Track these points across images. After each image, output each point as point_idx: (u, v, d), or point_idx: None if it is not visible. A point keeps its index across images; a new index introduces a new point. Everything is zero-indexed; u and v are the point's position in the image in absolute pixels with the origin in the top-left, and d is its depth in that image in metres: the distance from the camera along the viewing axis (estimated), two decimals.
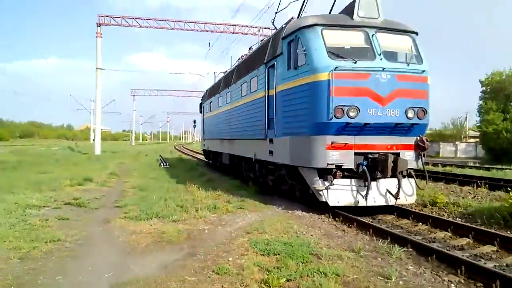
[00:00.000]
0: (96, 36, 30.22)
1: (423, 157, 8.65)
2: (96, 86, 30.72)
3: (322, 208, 8.78)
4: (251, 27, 31.98)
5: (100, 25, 30.24)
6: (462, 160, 33.81)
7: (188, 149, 53.17)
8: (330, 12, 9.89)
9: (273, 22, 12.09)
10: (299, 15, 9.84)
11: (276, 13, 11.85)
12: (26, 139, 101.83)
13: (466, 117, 59.52)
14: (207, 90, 22.55)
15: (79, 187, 12.96)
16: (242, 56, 15.69)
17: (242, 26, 33.25)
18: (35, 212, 8.19)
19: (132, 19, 31.32)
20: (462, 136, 57.42)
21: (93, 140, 75.35)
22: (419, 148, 8.59)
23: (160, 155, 33.89)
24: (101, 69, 30.49)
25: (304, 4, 9.74)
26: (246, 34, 32.36)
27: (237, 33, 33.00)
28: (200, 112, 23.92)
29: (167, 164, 22.60)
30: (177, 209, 8.89)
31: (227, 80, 16.15)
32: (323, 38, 8.29)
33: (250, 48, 15.09)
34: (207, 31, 32.65)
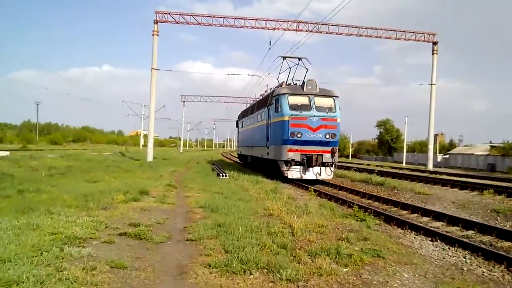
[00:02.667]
0: (153, 34, 28.24)
1: (335, 157, 17.48)
2: (151, 87, 28.66)
3: (286, 180, 18.02)
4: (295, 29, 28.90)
5: (157, 22, 28.28)
6: None
7: (235, 157, 50.78)
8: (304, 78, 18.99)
9: (278, 78, 22.30)
10: (286, 80, 20.95)
11: (278, 76, 22.37)
12: (79, 143, 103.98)
13: None
14: (240, 113, 34.66)
15: (135, 203, 10.34)
16: (257, 98, 28.54)
17: (301, 22, 30.34)
18: (77, 252, 5.44)
19: (190, 15, 29.20)
20: None
21: (143, 145, 75.69)
22: (332, 153, 17.28)
23: (213, 163, 31.59)
24: (156, 69, 28.45)
25: (288, 77, 21.16)
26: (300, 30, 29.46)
27: (300, 30, 30.07)
28: (236, 127, 36.61)
29: (226, 174, 19.92)
30: (280, 253, 5.90)
31: (251, 109, 26.79)
32: (288, 100, 17.38)
33: (261, 95, 26.47)
34: (268, 28, 29.93)
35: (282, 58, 21.10)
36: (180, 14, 29.27)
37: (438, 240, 7.68)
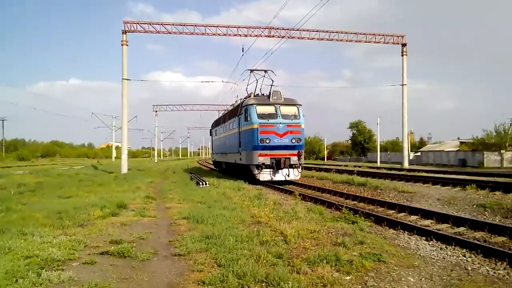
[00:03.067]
0: (122, 44, 27.50)
1: (301, 159, 19.11)
2: (123, 97, 27.80)
3: (258, 182, 19.24)
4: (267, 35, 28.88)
5: (126, 32, 27.57)
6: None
7: (211, 164, 50.16)
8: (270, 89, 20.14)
9: (246, 89, 23.33)
10: (254, 91, 22.17)
11: (246, 87, 23.39)
12: (48, 158, 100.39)
13: (511, 123, 55.19)
14: (213, 122, 36.33)
15: (114, 218, 9.77)
16: (228, 107, 31.24)
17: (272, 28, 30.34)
18: (56, 277, 4.93)
19: (159, 24, 28.62)
20: (507, 144, 52.54)
21: (116, 157, 73.75)
22: (298, 155, 18.86)
23: (191, 172, 30.97)
24: (127, 79, 27.67)
25: (256, 88, 22.49)
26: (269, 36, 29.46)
27: (272, 36, 30.03)
28: (210, 135, 38.38)
29: (206, 182, 19.40)
30: (277, 263, 5.57)
31: (224, 119, 28.34)
32: (256, 109, 18.93)
33: (232, 105, 28.19)
34: (240, 35, 29.72)
35: (250, 71, 22.63)
36: (150, 23, 28.70)
37: (434, 239, 7.53)
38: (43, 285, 4.67)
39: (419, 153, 65.08)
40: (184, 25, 29.35)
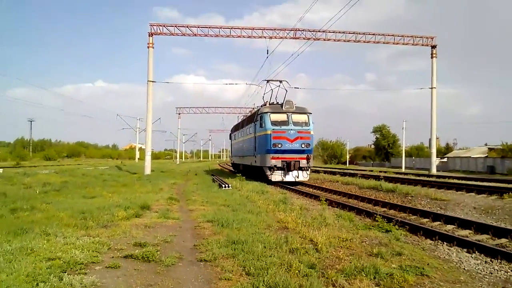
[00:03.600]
0: (148, 47, 27.64)
1: (310, 162, 20.98)
2: (148, 99, 27.95)
3: (270, 182, 21.01)
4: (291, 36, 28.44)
5: (152, 34, 27.70)
6: None
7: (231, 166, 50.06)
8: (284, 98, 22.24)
9: (263, 98, 26.23)
10: (270, 99, 24.41)
11: (263, 96, 26.51)
12: (73, 158, 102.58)
13: None
14: (233, 127, 39.07)
15: (137, 220, 9.60)
16: (246, 113, 34.24)
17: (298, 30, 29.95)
18: (78, 281, 4.69)
19: (185, 27, 28.65)
20: None
21: (139, 159, 74.60)
22: (307, 159, 20.60)
23: (213, 174, 30.82)
24: (152, 81, 27.77)
25: (271, 96, 24.53)
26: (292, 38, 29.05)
27: (297, 38, 29.64)
28: (230, 139, 41.28)
29: (229, 185, 19.13)
30: (310, 274, 5.19)
31: (242, 125, 30.46)
32: (270, 117, 20.70)
33: (250, 111, 32.86)
34: (265, 37, 29.45)
35: (266, 81, 25.30)
36: (175, 26, 28.77)
37: (476, 252, 7.00)
38: None
39: (445, 159, 63.26)
40: (209, 27, 29.31)
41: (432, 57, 32.30)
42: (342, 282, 4.93)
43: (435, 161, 33.35)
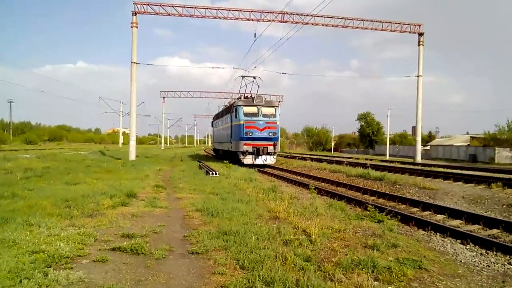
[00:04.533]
0: (132, 26, 26.84)
1: (276, 148, 24.82)
2: (131, 82, 27.23)
3: (243, 165, 23.53)
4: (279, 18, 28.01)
5: (136, 13, 26.92)
6: None
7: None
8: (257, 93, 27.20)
9: (239, 91, 30.44)
10: (244, 93, 28.24)
11: (239, 89, 30.47)
12: (55, 142, 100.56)
13: None
14: (214, 116, 42.55)
15: (124, 208, 9.31)
16: (225, 104, 36.44)
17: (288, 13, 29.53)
18: (64, 277, 4.44)
19: (170, 6, 27.92)
20: None
21: (122, 143, 73.47)
22: (274, 145, 24.30)
23: (199, 160, 30.50)
24: (136, 63, 27.07)
25: (246, 90, 28.53)
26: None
27: (285, 21, 29.22)
28: (211, 127, 45.22)
29: (216, 172, 18.88)
30: (306, 267, 5.04)
31: (221, 114, 33.52)
32: (243, 109, 24.29)
33: (229, 103, 33.16)
34: (252, 19, 28.96)
35: (242, 77, 28.93)
36: (160, 5, 28.01)
37: (471, 243, 6.97)
38: (50, 286, 4.18)
39: (428, 147, 64.09)
40: (195, 7, 28.64)
41: (419, 45, 32.33)
42: (340, 276, 4.79)
43: (420, 149, 33.67)
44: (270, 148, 24.22)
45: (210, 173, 18.77)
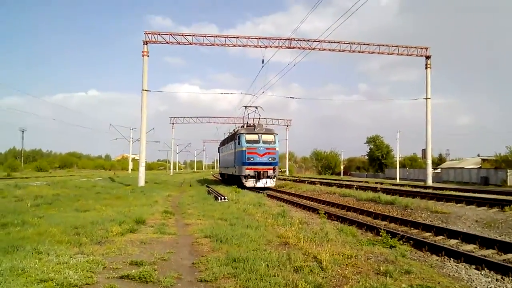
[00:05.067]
0: (143, 55, 27.45)
1: (276, 172, 27.13)
2: (142, 108, 27.66)
3: (245, 188, 25.76)
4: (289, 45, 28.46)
5: (147, 43, 27.57)
6: None
7: None
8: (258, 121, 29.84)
9: (243, 120, 36.62)
10: (247, 122, 31.74)
11: (243, 119, 37.08)
12: (65, 169, 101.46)
13: None
14: (220, 142, 45.80)
15: (132, 235, 9.28)
16: (230, 132, 37.59)
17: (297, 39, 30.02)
18: None
19: (180, 35, 28.56)
20: None
21: (132, 169, 73.87)
22: (274, 169, 26.57)
23: (208, 186, 30.46)
24: (147, 90, 27.53)
25: (248, 120, 31.77)
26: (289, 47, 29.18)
27: (293, 47, 29.68)
28: (218, 152, 48.44)
29: (225, 198, 18.81)
30: None
31: (227, 141, 36.36)
32: (245, 137, 26.62)
33: (233, 130, 34.86)
34: (260, 46, 29.47)
35: (244, 107, 32.58)
36: (171, 34, 28.71)
37: (486, 269, 6.79)
38: None
39: (439, 170, 63.43)
40: (204, 36, 29.27)
41: (426, 68, 32.48)
42: None
43: (431, 172, 33.29)
44: (270, 172, 26.41)
45: (219, 198, 18.70)
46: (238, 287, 5.38)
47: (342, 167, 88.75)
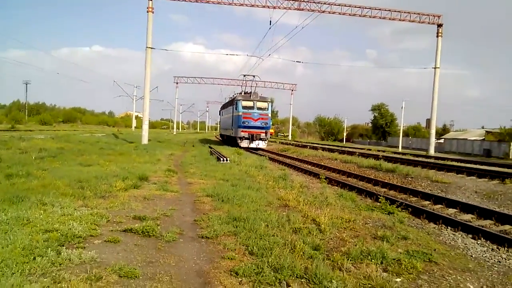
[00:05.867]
0: (148, 11, 26.77)
1: (268, 135, 31.24)
2: (146, 66, 27.29)
3: (241, 147, 28.37)
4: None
5: None
6: None
7: None
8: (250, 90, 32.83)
9: (241, 87, 37.00)
10: (245, 89, 34.59)
11: (241, 86, 38.53)
12: (69, 124, 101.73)
13: None
14: (221, 106, 50.47)
15: (136, 191, 9.41)
16: (230, 97, 39.24)
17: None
18: (77, 256, 4.52)
19: None
20: None
21: (135, 127, 74.07)
22: (265, 133, 30.33)
23: (210, 146, 30.62)
24: (151, 48, 27.08)
25: (246, 87, 34.89)
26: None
27: (302, 9, 28.86)
28: (219, 115, 53.05)
29: (227, 159, 18.94)
30: (314, 256, 5.07)
31: (227, 105, 39.41)
32: (242, 103, 29.82)
33: (233, 95, 37.24)
34: (268, 7, 28.67)
35: (243, 75, 36.44)
36: None
37: (482, 238, 6.90)
38: (63, 265, 4.26)
39: (441, 140, 63.30)
40: None
41: (437, 36, 31.66)
42: (349, 266, 4.80)
43: (433, 141, 33.23)
44: (262, 135, 29.98)
45: (221, 159, 18.83)
46: (238, 245, 5.50)
47: (345, 134, 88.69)
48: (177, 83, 70.43)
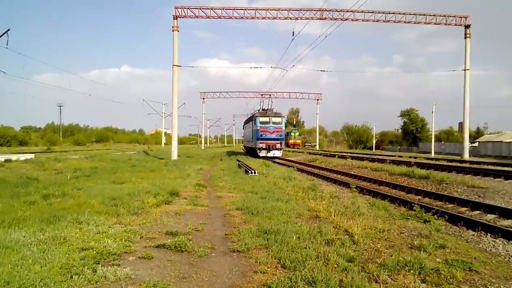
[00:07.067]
0: (173, 30, 27.49)
1: (282, 145, 35.92)
2: (173, 84, 27.93)
3: (259, 157, 33.26)
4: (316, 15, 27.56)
5: (177, 17, 27.51)
6: None
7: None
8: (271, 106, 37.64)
9: (260, 104, 41.37)
10: (262, 106, 39.76)
11: (260, 103, 43.10)
12: (102, 143, 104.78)
13: None
14: (244, 121, 53.44)
15: (167, 207, 9.56)
16: (252, 112, 48.00)
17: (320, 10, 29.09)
18: (112, 274, 4.61)
19: (209, 9, 28.32)
20: None
21: (165, 144, 75.40)
22: (280, 143, 35.09)
23: (238, 160, 30.77)
24: (178, 66, 27.68)
25: (263, 104, 40.18)
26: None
27: (324, 18, 28.85)
28: (243, 129, 56.46)
29: (255, 171, 18.95)
30: (349, 268, 4.96)
31: (248, 120, 44.89)
32: (259, 119, 34.61)
33: (253, 113, 42.74)
34: (290, 18, 28.81)
35: (261, 94, 42.42)
36: (200, 8, 28.52)
37: None
38: (99, 282, 4.36)
39: (476, 144, 61.13)
40: (234, 9, 28.87)
41: (465, 38, 30.87)
42: (385, 278, 4.66)
43: (467, 146, 32.15)
44: (278, 145, 34.36)
45: (249, 172, 18.88)
46: (270, 258, 5.46)
47: (374, 141, 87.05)
48: (203, 98, 71.39)
